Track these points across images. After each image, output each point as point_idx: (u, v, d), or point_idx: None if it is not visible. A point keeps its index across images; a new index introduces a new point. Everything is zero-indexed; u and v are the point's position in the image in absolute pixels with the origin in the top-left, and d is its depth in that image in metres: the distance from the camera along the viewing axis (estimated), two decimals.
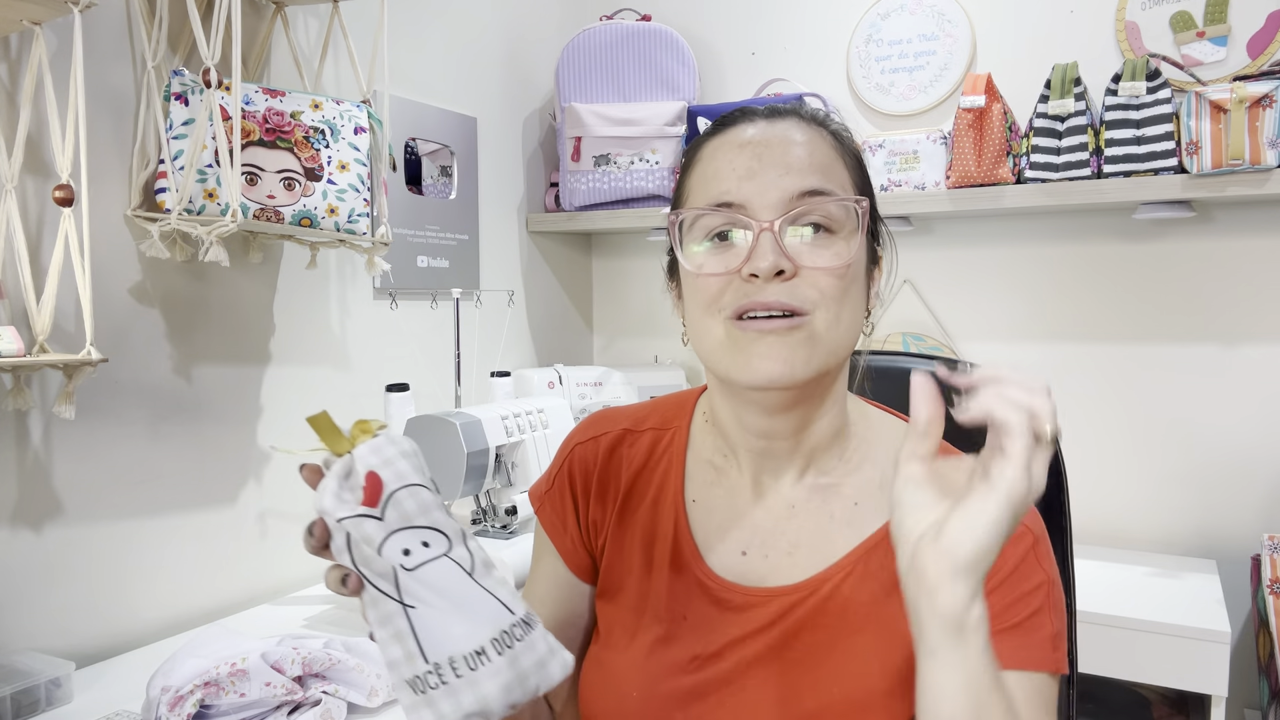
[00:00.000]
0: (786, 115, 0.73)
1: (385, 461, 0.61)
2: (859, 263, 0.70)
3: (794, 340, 0.67)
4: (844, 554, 0.72)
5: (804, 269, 0.67)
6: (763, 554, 0.75)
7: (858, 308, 0.70)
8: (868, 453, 0.76)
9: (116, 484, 1.30)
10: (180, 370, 1.38)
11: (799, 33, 2.14)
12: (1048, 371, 1.91)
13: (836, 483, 0.75)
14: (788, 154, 0.69)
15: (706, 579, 0.75)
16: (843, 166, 0.72)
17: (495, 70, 2.07)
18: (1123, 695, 1.74)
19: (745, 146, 0.70)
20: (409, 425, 1.34)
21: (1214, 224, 1.76)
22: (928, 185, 1.82)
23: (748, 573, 0.75)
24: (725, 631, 0.73)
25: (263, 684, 1.00)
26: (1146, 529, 1.84)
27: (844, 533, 0.73)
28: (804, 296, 0.67)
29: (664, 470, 0.81)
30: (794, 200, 0.67)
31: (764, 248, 0.66)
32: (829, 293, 0.67)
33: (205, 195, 1.25)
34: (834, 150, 0.72)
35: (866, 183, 0.74)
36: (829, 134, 0.73)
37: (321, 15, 1.58)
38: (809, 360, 0.67)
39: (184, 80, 1.26)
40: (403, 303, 1.78)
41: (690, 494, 0.79)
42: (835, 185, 0.69)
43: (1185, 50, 1.75)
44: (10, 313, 1.16)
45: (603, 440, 0.84)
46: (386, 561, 0.59)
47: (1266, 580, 1.52)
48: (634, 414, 0.86)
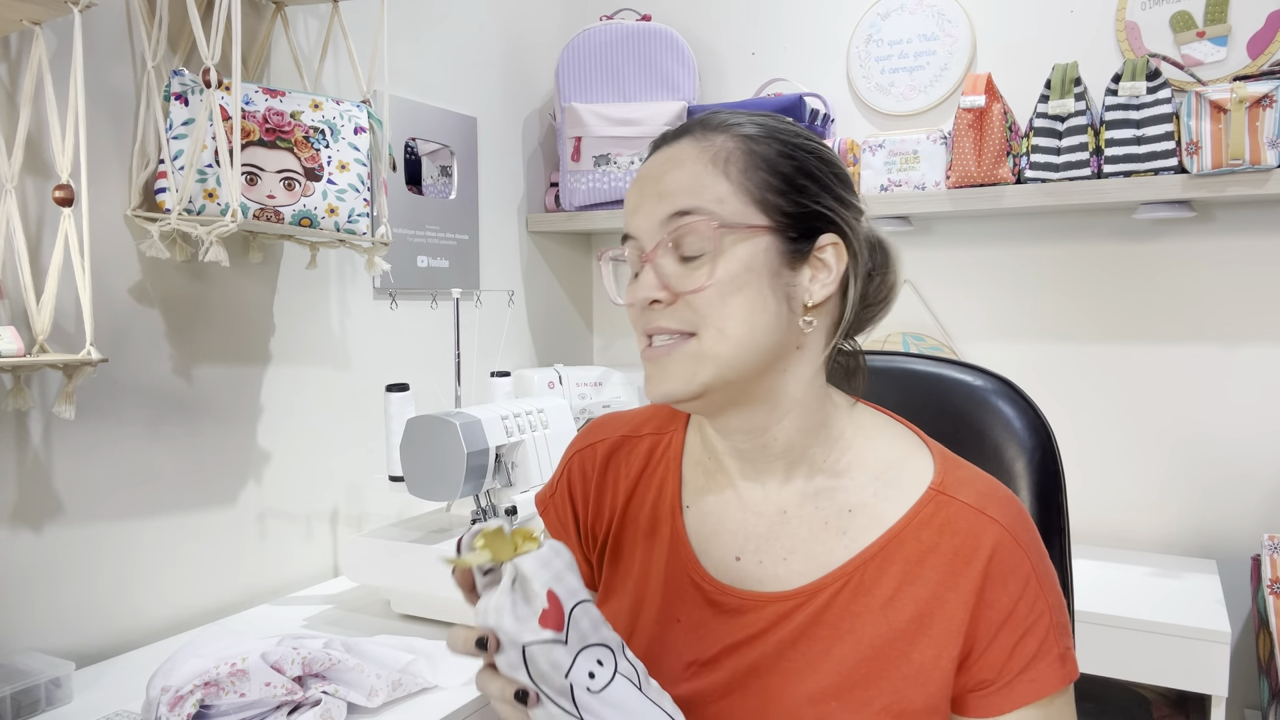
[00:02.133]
0: (683, 135, 0.74)
1: (556, 576, 0.63)
2: (750, 271, 0.69)
3: (678, 358, 0.70)
4: (841, 563, 0.72)
5: (681, 294, 0.70)
6: (757, 559, 0.75)
7: (752, 315, 0.70)
8: (858, 458, 0.76)
9: (116, 484, 1.30)
10: (180, 370, 1.38)
11: (799, 33, 2.14)
12: (1048, 371, 1.91)
13: (829, 488, 0.75)
14: (660, 182, 0.72)
15: (702, 581, 0.76)
16: (723, 177, 0.70)
17: (495, 70, 2.07)
18: (1123, 695, 1.73)
19: (638, 179, 0.74)
20: (409, 425, 1.34)
21: (1214, 224, 1.76)
22: (928, 185, 1.82)
23: (743, 577, 0.75)
24: (720, 636, 0.74)
25: (263, 684, 1.00)
26: (1146, 529, 1.84)
27: (840, 540, 0.73)
28: (684, 319, 0.70)
29: (661, 475, 0.82)
30: (661, 226, 0.71)
31: (641, 281, 0.71)
32: (705, 311, 0.69)
33: (205, 195, 1.25)
34: (715, 163, 0.71)
35: (785, 184, 0.71)
36: (721, 143, 0.71)
37: (321, 15, 1.58)
38: (695, 374, 0.70)
39: (184, 80, 1.26)
40: (403, 303, 1.78)
41: (686, 499, 0.80)
42: (706, 201, 0.70)
43: (1185, 50, 1.75)
44: (10, 313, 1.16)
45: (600, 447, 0.85)
46: (568, 682, 0.61)
47: (1266, 580, 1.52)
48: (633, 419, 0.87)
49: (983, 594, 0.69)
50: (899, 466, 0.75)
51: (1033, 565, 0.70)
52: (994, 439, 0.89)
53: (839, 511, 0.74)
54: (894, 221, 1.90)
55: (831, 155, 0.75)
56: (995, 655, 0.69)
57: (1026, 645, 0.69)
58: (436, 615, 1.38)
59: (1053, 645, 0.69)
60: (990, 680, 0.69)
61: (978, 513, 0.71)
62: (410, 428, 1.34)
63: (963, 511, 0.71)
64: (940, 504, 0.72)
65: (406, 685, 1.10)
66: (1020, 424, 0.89)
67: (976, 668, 0.69)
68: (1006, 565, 0.69)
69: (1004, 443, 0.89)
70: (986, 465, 0.86)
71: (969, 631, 0.69)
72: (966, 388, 0.92)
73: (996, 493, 0.73)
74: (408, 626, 1.36)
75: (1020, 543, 0.70)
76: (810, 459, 0.76)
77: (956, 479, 0.73)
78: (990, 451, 0.89)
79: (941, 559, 0.70)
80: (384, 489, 1.54)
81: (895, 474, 0.74)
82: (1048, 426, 0.89)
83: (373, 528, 1.66)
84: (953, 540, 0.70)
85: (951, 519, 0.71)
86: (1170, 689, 1.69)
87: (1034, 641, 0.69)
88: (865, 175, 1.88)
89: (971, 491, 0.72)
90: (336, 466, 1.65)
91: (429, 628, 1.36)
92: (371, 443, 1.70)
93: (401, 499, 1.73)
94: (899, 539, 0.71)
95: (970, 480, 0.74)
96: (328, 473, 1.63)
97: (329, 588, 1.57)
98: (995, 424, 0.89)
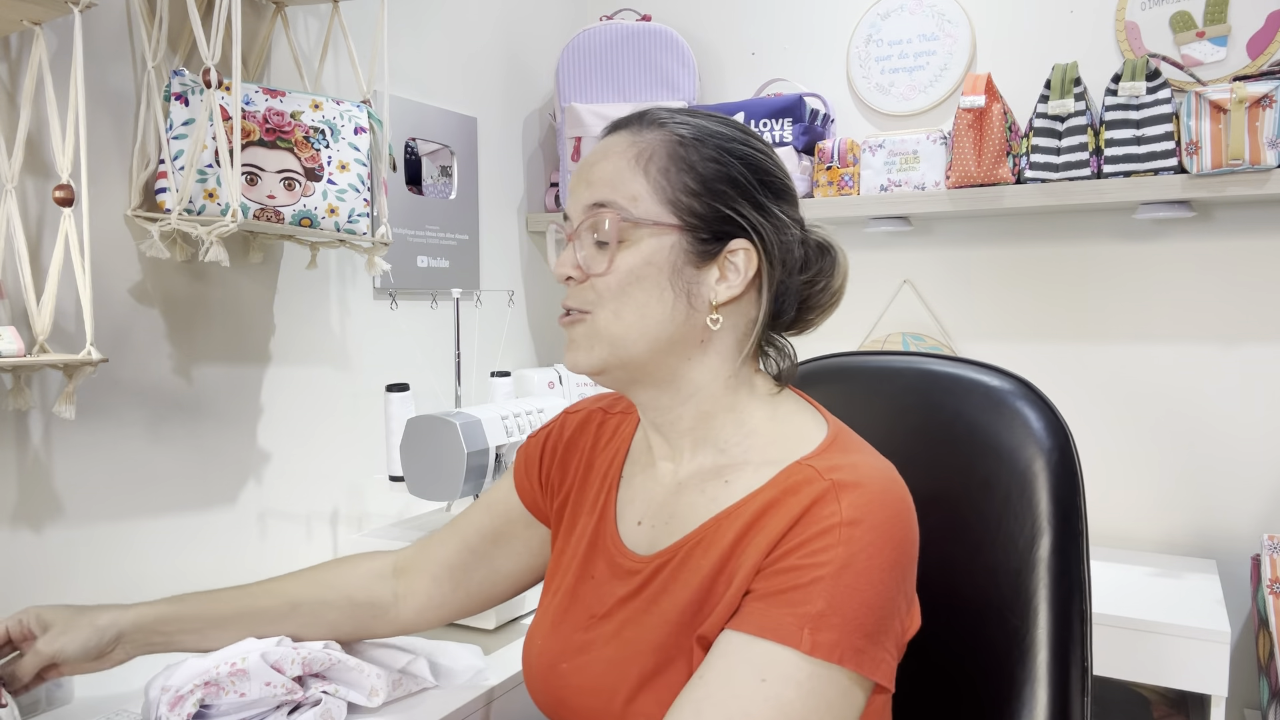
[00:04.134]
0: (622, 128, 0.81)
1: None
2: (649, 265, 0.76)
3: (577, 334, 0.79)
4: (701, 523, 0.78)
5: (590, 276, 0.78)
6: (651, 524, 0.83)
7: (646, 305, 0.76)
8: (756, 442, 0.80)
9: (116, 484, 1.30)
10: (180, 370, 1.38)
11: (799, 33, 2.14)
12: (1048, 371, 1.91)
13: (722, 465, 0.80)
14: (591, 170, 0.79)
15: (612, 545, 0.84)
16: (641, 175, 0.77)
17: (495, 70, 2.07)
18: (1123, 695, 1.74)
19: (580, 163, 0.82)
20: (409, 425, 1.34)
21: (1214, 224, 1.76)
22: (927, 185, 1.82)
23: (639, 541, 0.83)
24: (614, 592, 0.82)
25: (263, 684, 1.00)
26: (1146, 529, 1.84)
27: (709, 506, 0.79)
28: (584, 299, 0.78)
29: (614, 450, 0.91)
30: (584, 212, 0.78)
31: (562, 258, 0.80)
32: (604, 294, 0.77)
33: (205, 195, 1.25)
34: (638, 161, 0.77)
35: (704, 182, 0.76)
36: (650, 141, 0.78)
37: (321, 15, 1.58)
38: (591, 349, 0.78)
39: (184, 80, 1.26)
40: (403, 303, 1.78)
41: (626, 472, 0.89)
42: (620, 196, 0.76)
43: (1185, 50, 1.75)
44: (10, 313, 1.16)
45: (576, 416, 0.97)
46: None
47: (1266, 580, 1.52)
48: (614, 397, 0.97)
49: (787, 530, 0.70)
50: (787, 447, 0.78)
51: (846, 530, 0.68)
52: (1011, 440, 0.88)
53: (719, 484, 0.79)
54: (894, 221, 1.90)
55: (765, 163, 0.80)
56: (762, 579, 0.70)
57: (783, 579, 0.68)
58: None
59: (811, 604, 0.66)
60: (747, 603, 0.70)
61: (819, 474, 0.72)
62: (410, 428, 1.34)
63: (808, 474, 0.73)
64: (795, 470, 0.75)
65: (406, 685, 1.10)
66: (1039, 425, 0.88)
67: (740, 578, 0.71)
68: (819, 514, 0.69)
69: (1021, 444, 0.88)
70: (1002, 467, 0.86)
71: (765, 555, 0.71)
72: (984, 388, 0.92)
73: (857, 471, 0.72)
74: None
75: (843, 503, 0.69)
76: (714, 440, 0.81)
77: (828, 458, 0.74)
78: (1007, 453, 0.88)
79: (778, 513, 0.72)
80: (384, 489, 1.54)
81: (779, 453, 0.78)
82: (1066, 429, 0.88)
83: (373, 528, 1.66)
84: (790, 497, 0.72)
85: (798, 482, 0.73)
86: (1170, 689, 1.69)
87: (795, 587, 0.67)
88: (865, 175, 1.88)
89: (829, 465, 0.73)
90: (336, 466, 1.65)
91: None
92: (371, 443, 1.70)
93: (401, 499, 1.73)
94: (750, 499, 0.76)
95: (843, 463, 0.73)
96: (328, 473, 1.63)
97: None
98: (1013, 425, 0.89)
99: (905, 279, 2.05)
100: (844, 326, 2.10)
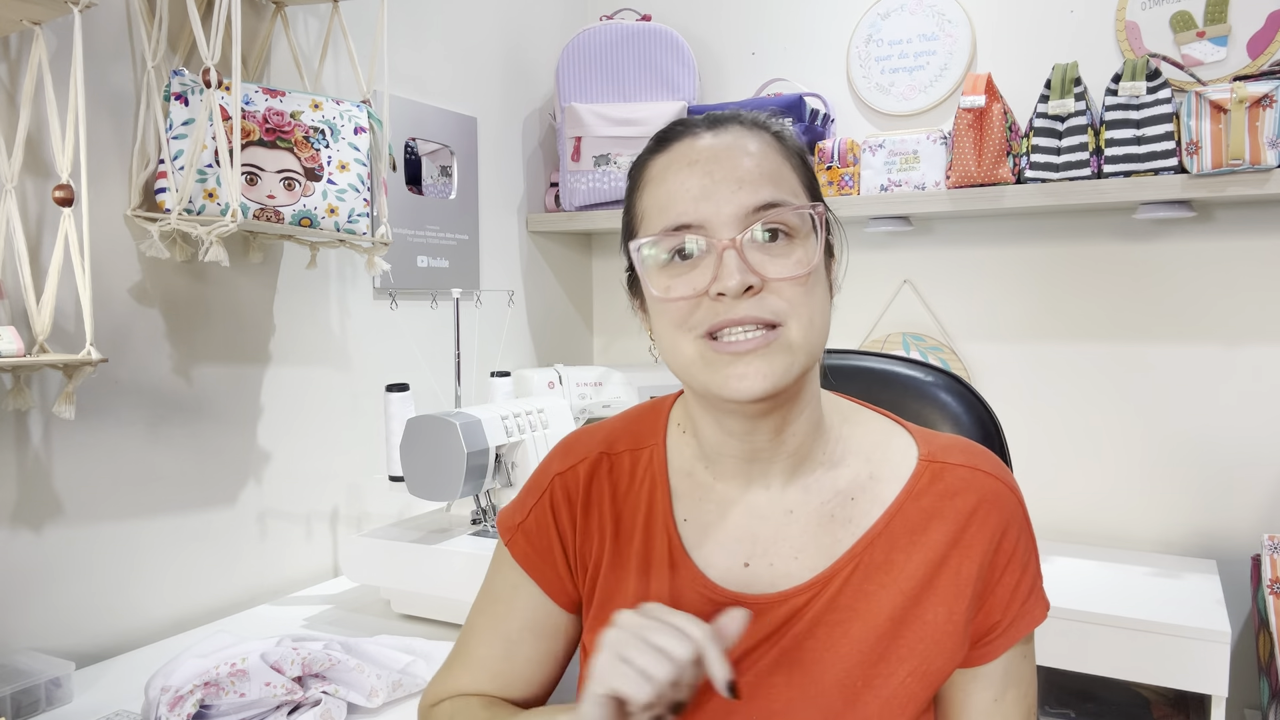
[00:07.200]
0: (729, 124, 0.73)
1: None
2: (819, 264, 0.71)
3: (772, 352, 0.67)
4: (848, 548, 0.74)
5: (770, 281, 0.67)
6: (767, 563, 0.75)
7: (825, 306, 0.72)
8: (848, 446, 0.78)
9: (116, 484, 1.30)
10: (180, 370, 1.38)
11: (799, 33, 2.13)
12: (1047, 371, 1.91)
13: (829, 479, 0.76)
14: (738, 168, 0.69)
15: (711, 594, 0.74)
16: (790, 170, 0.72)
17: (495, 70, 2.07)
18: (1123, 695, 1.74)
19: (695, 164, 0.70)
20: (409, 425, 1.34)
21: (1214, 224, 1.76)
22: (928, 185, 1.82)
23: (753, 582, 0.74)
24: (738, 642, 0.71)
25: (262, 684, 1.00)
26: (1146, 529, 1.84)
27: (846, 529, 0.74)
28: (774, 308, 0.67)
29: (649, 491, 0.79)
30: (751, 215, 0.68)
31: (729, 266, 0.66)
32: (797, 300, 0.68)
33: (205, 195, 1.25)
34: (780, 155, 0.72)
35: (812, 178, 0.76)
36: (772, 137, 0.73)
37: (321, 15, 1.58)
38: (789, 368, 0.68)
39: (184, 80, 1.26)
40: (403, 303, 1.78)
41: (680, 513, 0.78)
42: (787, 193, 0.70)
43: (1185, 50, 1.75)
44: (10, 313, 1.16)
45: (580, 468, 0.81)
46: None
47: (1266, 580, 1.52)
48: (606, 435, 0.83)
49: (994, 542, 0.73)
50: (885, 446, 0.77)
51: (1019, 503, 0.76)
52: (941, 427, 0.95)
53: (841, 501, 0.75)
54: (894, 221, 1.90)
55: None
56: (1001, 595, 0.73)
57: (1024, 581, 0.74)
58: (436, 615, 1.38)
59: (1039, 577, 0.76)
60: (997, 622, 0.73)
61: (972, 470, 0.75)
62: (410, 428, 1.34)
63: (959, 473, 0.75)
64: (935, 472, 0.75)
65: (406, 685, 1.10)
66: (968, 419, 0.95)
67: (985, 612, 0.73)
68: (1006, 511, 0.74)
69: (949, 429, 0.95)
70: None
71: (981, 578, 0.72)
72: (916, 382, 0.98)
73: (974, 447, 0.78)
74: (408, 626, 1.36)
75: (1010, 487, 0.76)
76: (812, 455, 0.76)
77: (940, 446, 0.77)
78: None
79: (946, 522, 0.73)
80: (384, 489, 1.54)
81: (883, 454, 0.77)
82: (994, 416, 0.96)
83: (373, 528, 1.66)
84: (955, 501, 0.74)
85: (950, 484, 0.74)
86: (1170, 689, 1.69)
87: (1029, 576, 0.75)
88: (865, 175, 1.88)
89: (958, 453, 0.76)
90: (336, 466, 1.65)
91: (429, 628, 1.36)
92: (371, 443, 1.70)
93: (401, 499, 1.73)
94: (901, 513, 0.74)
95: (951, 444, 0.78)
96: (328, 473, 1.63)
97: (329, 588, 1.57)
98: (944, 415, 0.96)
99: (905, 279, 2.05)
100: (844, 326, 2.10)
